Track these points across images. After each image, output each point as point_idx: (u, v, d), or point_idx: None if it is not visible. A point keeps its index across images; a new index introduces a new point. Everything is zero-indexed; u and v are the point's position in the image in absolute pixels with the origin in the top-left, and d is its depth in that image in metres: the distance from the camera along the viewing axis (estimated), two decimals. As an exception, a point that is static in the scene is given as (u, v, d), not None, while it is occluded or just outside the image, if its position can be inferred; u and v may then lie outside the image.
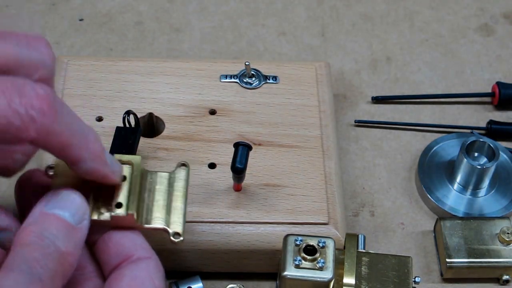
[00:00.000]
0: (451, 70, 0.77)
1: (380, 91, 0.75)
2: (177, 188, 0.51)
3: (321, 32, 0.80)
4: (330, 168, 0.62)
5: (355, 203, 0.66)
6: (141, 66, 0.67)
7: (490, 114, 0.74)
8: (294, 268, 0.53)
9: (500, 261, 0.60)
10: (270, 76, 0.67)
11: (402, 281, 0.55)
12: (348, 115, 0.72)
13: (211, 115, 0.64)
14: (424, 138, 0.71)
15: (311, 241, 0.54)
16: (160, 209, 0.50)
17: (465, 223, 0.62)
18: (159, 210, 0.50)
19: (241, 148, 0.56)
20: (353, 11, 0.82)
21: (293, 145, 0.63)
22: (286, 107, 0.65)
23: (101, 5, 0.81)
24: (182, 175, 0.52)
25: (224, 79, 0.67)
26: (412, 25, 0.81)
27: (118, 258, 0.46)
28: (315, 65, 0.69)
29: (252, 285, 0.60)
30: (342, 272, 0.54)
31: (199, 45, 0.78)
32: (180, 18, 0.80)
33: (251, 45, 0.78)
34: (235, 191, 0.59)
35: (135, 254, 0.46)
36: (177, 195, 0.51)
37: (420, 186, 0.66)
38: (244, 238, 0.57)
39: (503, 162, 0.67)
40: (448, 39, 0.80)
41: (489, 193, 0.66)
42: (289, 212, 0.59)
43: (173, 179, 0.51)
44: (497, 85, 0.73)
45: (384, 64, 0.77)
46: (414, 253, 0.63)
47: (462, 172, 0.65)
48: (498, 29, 0.81)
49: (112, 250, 0.47)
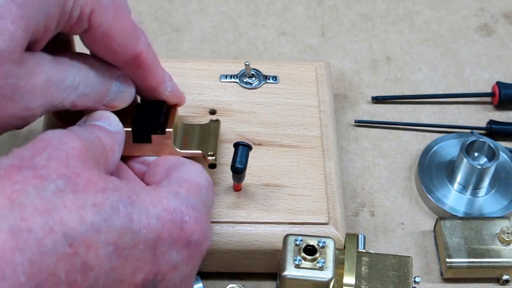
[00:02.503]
0: (451, 70, 0.77)
1: (380, 91, 0.75)
2: (210, 132, 0.58)
3: (321, 32, 0.80)
4: (330, 168, 0.62)
5: (355, 203, 0.66)
6: (141, 66, 0.67)
7: (490, 114, 0.74)
8: (294, 268, 0.53)
9: (500, 261, 0.60)
10: (270, 76, 0.67)
11: (402, 281, 0.55)
12: (348, 115, 0.72)
13: (211, 115, 0.64)
14: (424, 138, 0.71)
15: (311, 241, 0.54)
16: (194, 143, 0.56)
17: (465, 223, 0.62)
18: (194, 143, 0.56)
19: (241, 148, 0.56)
20: (353, 11, 0.82)
21: (293, 145, 0.63)
22: (286, 107, 0.65)
23: (101, 5, 0.81)
24: (214, 126, 0.58)
25: (224, 79, 0.67)
26: (412, 25, 0.81)
27: (167, 168, 0.52)
28: (315, 65, 0.69)
29: (252, 285, 0.60)
30: (342, 272, 0.54)
31: (199, 45, 0.78)
32: (180, 18, 0.80)
33: (251, 45, 0.78)
34: (235, 191, 0.59)
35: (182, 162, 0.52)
36: (210, 135, 0.57)
37: (420, 186, 0.66)
38: (244, 238, 0.57)
39: (503, 162, 0.67)
40: (448, 39, 0.80)
41: (489, 193, 0.66)
42: (289, 212, 0.59)
43: (205, 128, 0.58)
44: (497, 85, 0.73)
45: (384, 64, 0.77)
46: (414, 253, 0.63)
47: (462, 172, 0.65)
48: (498, 29, 0.81)
49: (160, 167, 0.53)
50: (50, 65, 0.47)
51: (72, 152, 0.43)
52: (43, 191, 0.39)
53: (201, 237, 0.45)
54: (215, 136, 0.57)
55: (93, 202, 0.40)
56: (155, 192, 0.44)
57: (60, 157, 0.42)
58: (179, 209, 0.44)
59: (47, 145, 0.42)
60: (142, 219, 0.42)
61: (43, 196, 0.39)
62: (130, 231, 0.41)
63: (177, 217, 0.44)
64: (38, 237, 0.38)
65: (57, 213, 0.39)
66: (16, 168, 0.40)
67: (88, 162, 0.43)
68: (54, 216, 0.39)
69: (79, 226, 0.39)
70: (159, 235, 0.43)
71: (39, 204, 0.38)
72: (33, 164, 0.40)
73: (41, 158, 0.41)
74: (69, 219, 0.39)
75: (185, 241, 0.44)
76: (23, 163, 0.40)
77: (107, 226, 0.40)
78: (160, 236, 0.43)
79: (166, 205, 0.44)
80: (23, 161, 0.41)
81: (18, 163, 0.40)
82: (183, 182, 0.47)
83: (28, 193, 0.39)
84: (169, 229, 0.43)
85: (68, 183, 0.40)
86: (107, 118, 0.50)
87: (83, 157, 0.43)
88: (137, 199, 0.43)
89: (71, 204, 0.39)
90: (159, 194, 0.44)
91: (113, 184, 0.42)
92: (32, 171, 0.40)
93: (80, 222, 0.39)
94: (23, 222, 0.38)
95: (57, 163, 0.41)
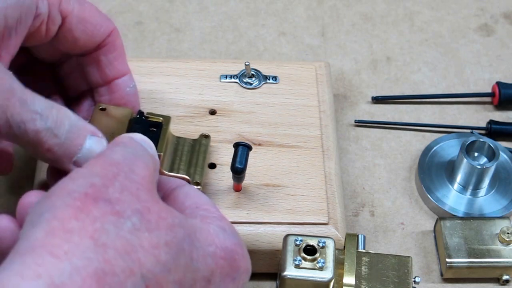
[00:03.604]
0: (451, 70, 0.77)
1: (380, 91, 0.75)
2: (199, 151, 0.58)
3: (321, 32, 0.80)
4: (330, 168, 0.62)
5: (355, 203, 0.66)
6: (141, 66, 0.67)
7: (490, 114, 0.74)
8: (294, 268, 0.53)
9: (500, 261, 0.60)
10: (270, 76, 0.67)
11: (402, 281, 0.55)
12: (348, 115, 0.72)
13: (211, 115, 0.64)
14: (424, 138, 0.71)
15: (311, 241, 0.54)
16: (182, 163, 0.57)
17: (465, 223, 0.62)
18: (182, 164, 0.57)
19: (241, 148, 0.56)
20: (353, 11, 0.82)
21: (293, 145, 0.63)
22: (286, 107, 0.65)
23: (101, 5, 0.81)
24: (204, 142, 0.59)
25: (224, 79, 0.67)
26: (412, 25, 0.81)
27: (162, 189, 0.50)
28: (315, 65, 0.69)
29: (252, 285, 0.60)
30: (342, 272, 0.54)
31: (199, 45, 0.78)
32: (180, 18, 0.80)
33: (251, 45, 0.78)
34: (235, 191, 0.59)
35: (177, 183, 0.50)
36: (199, 156, 0.58)
37: (420, 186, 0.66)
38: (244, 238, 0.57)
39: (503, 162, 0.67)
40: (448, 39, 0.80)
41: (489, 193, 0.66)
42: (289, 212, 0.59)
43: (195, 145, 0.58)
44: (497, 85, 0.73)
45: (384, 64, 0.77)
46: (414, 253, 0.63)
47: (462, 172, 0.65)
48: (498, 29, 0.81)
49: None
50: (17, 82, 0.45)
51: (142, 183, 0.42)
52: (121, 230, 0.39)
53: (245, 271, 0.46)
54: (204, 156, 0.58)
55: (165, 241, 0.40)
56: (207, 229, 0.45)
57: (132, 189, 0.41)
58: (230, 247, 0.45)
59: (118, 172, 0.42)
60: (200, 257, 0.43)
61: (122, 235, 0.39)
62: (191, 269, 0.42)
63: (228, 255, 0.45)
64: (121, 280, 0.38)
65: (135, 254, 0.39)
66: (91, 199, 0.39)
67: (153, 193, 0.43)
68: (133, 257, 0.38)
69: (155, 266, 0.39)
70: (213, 272, 0.44)
71: (120, 244, 0.38)
72: (108, 197, 0.40)
73: (114, 190, 0.40)
74: (146, 260, 0.39)
75: (233, 275, 0.45)
76: (97, 194, 0.40)
77: (175, 265, 0.41)
78: (214, 272, 0.44)
79: (219, 244, 0.44)
80: (96, 191, 0.40)
81: (92, 193, 0.40)
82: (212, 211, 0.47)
83: (109, 232, 0.38)
84: (222, 266, 0.44)
85: (142, 220, 0.40)
86: (144, 140, 0.48)
87: (150, 187, 0.43)
88: (195, 237, 0.43)
89: (147, 244, 0.39)
90: (211, 232, 0.45)
91: (178, 219, 0.42)
92: (108, 205, 0.39)
93: (155, 263, 0.39)
94: (107, 265, 0.37)
95: (130, 197, 0.41)
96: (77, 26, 0.52)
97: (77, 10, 0.51)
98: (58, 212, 0.38)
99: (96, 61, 0.55)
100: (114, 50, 0.55)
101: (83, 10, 0.52)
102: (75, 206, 0.39)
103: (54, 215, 0.38)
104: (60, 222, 0.38)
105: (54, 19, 0.51)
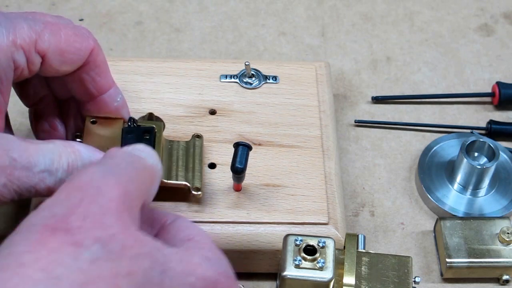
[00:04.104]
0: (451, 70, 0.77)
1: (380, 91, 0.75)
2: (194, 154, 0.58)
3: (321, 32, 0.80)
4: (330, 168, 0.62)
5: (355, 203, 0.66)
6: (141, 66, 0.67)
7: (490, 114, 0.74)
8: (294, 268, 0.53)
9: (500, 261, 0.60)
10: (270, 76, 0.67)
11: (402, 281, 0.55)
12: (348, 115, 0.72)
13: (211, 115, 0.64)
14: (424, 138, 0.71)
15: (311, 241, 0.54)
16: (180, 169, 0.56)
17: (465, 223, 0.62)
18: (179, 169, 0.56)
19: (241, 148, 0.56)
20: (353, 11, 0.82)
21: (293, 145, 0.63)
22: (286, 107, 0.65)
23: (101, 5, 0.81)
24: (197, 143, 0.59)
25: (224, 79, 0.67)
26: (412, 25, 0.81)
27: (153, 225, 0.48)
28: (315, 65, 0.69)
29: (252, 285, 0.60)
30: (342, 272, 0.54)
31: (199, 45, 0.78)
32: (180, 18, 0.80)
33: (251, 45, 0.78)
34: (235, 191, 0.59)
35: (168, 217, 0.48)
36: (195, 159, 0.57)
37: (420, 186, 0.66)
38: (244, 238, 0.57)
39: (503, 162, 0.67)
40: (448, 39, 0.80)
41: (489, 193, 0.66)
42: (289, 212, 0.59)
43: (189, 146, 0.58)
44: (497, 85, 0.73)
45: (384, 64, 0.77)
46: (414, 253, 0.63)
47: (462, 172, 0.65)
48: (498, 29, 0.81)
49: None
50: (16, 144, 0.45)
51: (109, 206, 0.40)
52: (79, 261, 0.37)
53: None
54: (199, 158, 0.58)
55: (127, 271, 0.39)
56: (189, 259, 0.43)
57: (96, 215, 0.39)
58: (213, 278, 0.43)
59: (83, 197, 0.40)
60: (174, 287, 0.41)
61: (79, 266, 0.37)
62: None
63: (209, 285, 0.43)
64: None
65: (93, 285, 0.37)
66: (50, 230, 0.38)
67: (123, 218, 0.41)
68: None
69: None
70: None
71: (76, 277, 0.37)
72: (67, 226, 0.38)
73: (76, 218, 0.39)
74: None
75: None
76: (57, 224, 0.38)
77: None
78: None
79: (200, 274, 0.42)
80: (56, 221, 0.39)
81: (52, 223, 0.38)
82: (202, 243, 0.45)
83: (64, 265, 0.37)
84: None
85: (103, 249, 0.38)
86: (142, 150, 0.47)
87: (119, 211, 0.41)
88: (169, 266, 0.41)
89: (106, 274, 0.38)
90: (194, 262, 0.43)
91: (148, 248, 0.40)
92: (67, 235, 0.38)
93: None
94: None
95: (92, 223, 0.39)
96: (57, 59, 0.51)
97: (53, 45, 0.51)
98: (13, 247, 0.37)
99: (79, 79, 0.54)
100: (96, 67, 0.54)
101: (60, 42, 0.51)
102: (33, 239, 0.38)
103: (9, 251, 0.37)
104: (14, 257, 0.37)
105: (33, 62, 0.51)
